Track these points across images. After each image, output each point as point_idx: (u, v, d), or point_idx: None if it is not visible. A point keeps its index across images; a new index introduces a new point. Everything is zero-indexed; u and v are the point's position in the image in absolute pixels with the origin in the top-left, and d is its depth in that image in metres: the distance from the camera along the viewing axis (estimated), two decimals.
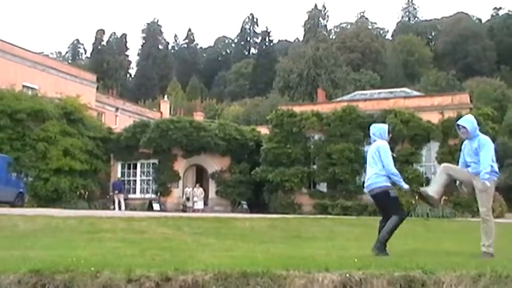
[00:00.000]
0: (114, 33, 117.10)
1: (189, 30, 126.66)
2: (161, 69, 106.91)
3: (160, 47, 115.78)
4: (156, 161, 33.42)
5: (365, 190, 8.17)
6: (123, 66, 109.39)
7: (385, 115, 28.97)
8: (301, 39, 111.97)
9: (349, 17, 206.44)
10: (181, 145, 32.55)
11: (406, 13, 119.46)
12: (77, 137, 32.16)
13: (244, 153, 33.40)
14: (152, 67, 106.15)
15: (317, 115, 31.19)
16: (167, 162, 33.13)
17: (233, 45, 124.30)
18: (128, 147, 33.44)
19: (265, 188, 31.34)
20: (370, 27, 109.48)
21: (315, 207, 29.44)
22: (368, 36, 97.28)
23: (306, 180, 30.98)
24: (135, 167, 34.26)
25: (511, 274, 5.49)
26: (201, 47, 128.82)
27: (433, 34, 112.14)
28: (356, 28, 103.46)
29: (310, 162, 31.16)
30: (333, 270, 5.68)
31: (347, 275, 5.58)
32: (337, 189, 29.81)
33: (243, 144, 33.20)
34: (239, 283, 5.58)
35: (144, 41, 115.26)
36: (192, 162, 34.07)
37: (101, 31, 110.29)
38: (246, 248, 9.88)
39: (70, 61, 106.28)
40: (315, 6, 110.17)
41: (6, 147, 29.09)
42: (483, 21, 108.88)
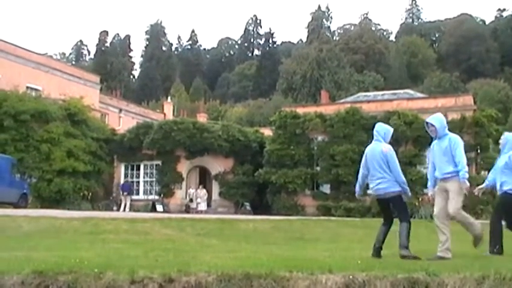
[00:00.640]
0: (118, 34, 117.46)
1: (193, 31, 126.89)
2: (164, 71, 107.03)
3: (164, 48, 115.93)
4: (160, 162, 33.43)
5: (374, 193, 8.01)
6: (126, 68, 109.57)
7: (389, 117, 28.92)
8: (304, 40, 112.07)
9: (352, 18, 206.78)
10: (185, 146, 32.56)
11: (410, 14, 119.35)
12: (81, 138, 32.20)
13: (247, 154, 33.39)
14: (156, 68, 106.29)
15: (320, 117, 31.16)
16: (170, 163, 33.14)
17: (236, 47, 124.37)
18: (131, 148, 33.47)
19: (268, 189, 31.32)
20: (373, 28, 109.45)
21: (318, 209, 29.41)
22: (371, 37, 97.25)
23: (309, 182, 30.95)
24: (139, 168, 34.28)
25: None
26: (205, 49, 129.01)
27: (437, 35, 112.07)
28: (359, 29, 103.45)
29: (313, 163, 31.14)
30: (336, 272, 5.67)
31: (350, 277, 5.57)
32: (341, 191, 29.76)
33: (246, 145, 33.19)
34: (242, 284, 5.58)
35: (147, 43, 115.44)
36: (195, 163, 34.08)
37: (105, 32, 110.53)
38: (249, 249, 9.88)
39: (74, 62, 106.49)
40: (319, 7, 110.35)
41: (10, 148, 29.15)
42: (487, 23, 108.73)
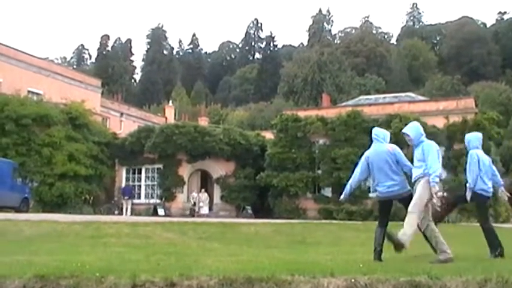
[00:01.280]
0: (119, 38, 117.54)
1: (194, 35, 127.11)
2: (166, 74, 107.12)
3: (165, 52, 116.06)
4: (161, 166, 33.44)
5: (382, 195, 7.89)
6: (127, 72, 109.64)
7: (390, 120, 28.91)
8: (305, 44, 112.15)
9: (353, 21, 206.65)
10: (186, 150, 32.55)
11: (411, 17, 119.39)
12: (82, 142, 32.22)
13: (249, 158, 33.38)
14: (157, 72, 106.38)
15: (322, 120, 31.15)
16: (172, 167, 33.14)
17: (237, 50, 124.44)
18: (133, 152, 33.47)
19: (270, 193, 31.30)
20: (374, 31, 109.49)
21: (320, 212, 29.38)
22: (372, 40, 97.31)
23: (310, 185, 30.92)
24: (140, 172, 34.27)
25: None
26: (206, 52, 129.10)
27: (438, 38, 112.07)
28: (360, 33, 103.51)
29: (314, 167, 31.11)
30: (338, 275, 5.66)
31: (352, 280, 5.56)
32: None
33: (247, 149, 33.18)
34: None
35: (148, 46, 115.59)
36: (197, 167, 34.07)
37: (106, 36, 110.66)
38: (251, 252, 9.87)
39: (75, 66, 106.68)
40: (320, 11, 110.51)
41: (12, 152, 29.16)
42: (488, 26, 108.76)
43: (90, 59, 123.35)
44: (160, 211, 31.54)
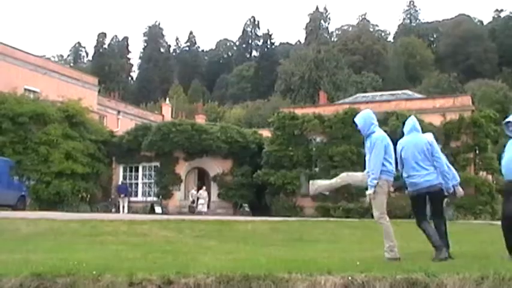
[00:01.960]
0: (116, 36, 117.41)
1: (191, 33, 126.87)
2: (163, 72, 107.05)
3: (162, 50, 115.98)
4: (158, 164, 33.40)
5: (415, 188, 7.58)
6: (124, 69, 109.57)
7: (387, 117, 28.94)
8: (302, 41, 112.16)
9: (350, 19, 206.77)
10: (183, 148, 32.53)
11: (408, 15, 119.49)
12: (79, 140, 32.15)
13: (246, 156, 33.37)
14: (154, 70, 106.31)
15: (319, 117, 31.15)
16: (169, 165, 33.11)
17: (235, 48, 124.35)
18: (130, 150, 33.42)
19: (267, 190, 31.31)
20: (371, 29, 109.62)
21: (317, 210, 29.38)
22: (369, 38, 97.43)
23: None
24: (137, 170, 34.24)
25: None
26: (203, 50, 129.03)
27: (435, 36, 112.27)
28: (358, 30, 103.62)
29: (312, 164, 31.10)
30: (335, 273, 5.66)
31: (349, 278, 5.57)
32: (339, 192, 29.71)
33: (244, 147, 33.17)
34: (241, 286, 5.57)
35: (145, 44, 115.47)
36: (194, 165, 34.06)
37: (103, 34, 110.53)
38: (248, 250, 9.86)
39: (72, 64, 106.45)
40: (317, 8, 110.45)
41: (8, 150, 29.11)
42: (485, 23, 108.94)
43: (87, 56, 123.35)
44: (158, 209, 31.51)
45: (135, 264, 6.75)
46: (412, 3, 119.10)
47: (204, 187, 32.76)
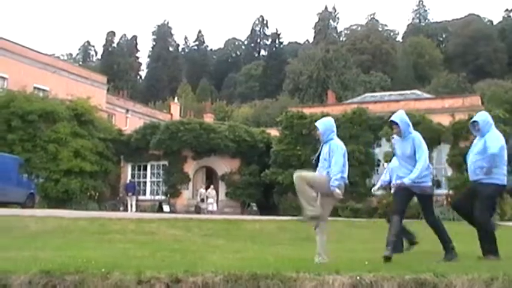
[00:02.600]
0: (125, 35, 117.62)
1: (199, 32, 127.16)
2: (171, 71, 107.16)
3: (171, 48, 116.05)
4: (166, 162, 33.47)
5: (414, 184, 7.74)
6: (133, 68, 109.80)
7: None
8: (311, 41, 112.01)
9: (359, 18, 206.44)
10: (191, 147, 32.57)
11: (417, 15, 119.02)
12: (88, 138, 32.27)
13: (254, 155, 33.37)
14: (162, 69, 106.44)
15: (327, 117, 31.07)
16: (177, 163, 33.17)
17: (243, 47, 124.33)
18: (138, 148, 33.52)
19: (275, 189, 31.28)
20: (380, 29, 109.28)
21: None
22: (378, 38, 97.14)
23: None
24: (145, 168, 34.33)
25: None
26: (211, 49, 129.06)
27: (444, 36, 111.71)
28: (366, 30, 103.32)
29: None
30: (344, 273, 5.65)
31: (357, 278, 5.55)
32: (347, 192, 29.56)
33: (252, 146, 33.17)
34: (249, 285, 5.57)
35: (154, 43, 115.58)
36: (202, 164, 34.09)
37: (112, 33, 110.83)
38: (256, 249, 9.87)
39: (81, 63, 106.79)
40: (325, 8, 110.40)
41: (18, 148, 29.27)
42: (494, 23, 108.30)
43: (95, 55, 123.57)
44: (166, 207, 31.59)
45: (143, 263, 6.76)
46: (421, 2, 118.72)
47: (212, 186, 32.79)
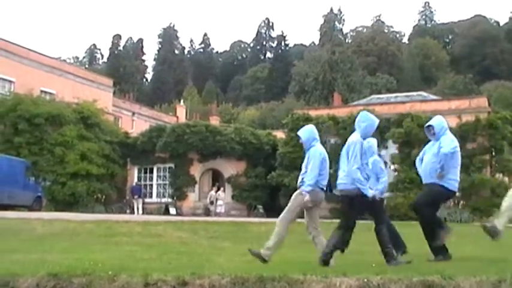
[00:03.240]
0: (131, 38, 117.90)
1: (205, 34, 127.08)
2: (177, 74, 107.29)
3: (176, 51, 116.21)
4: (173, 165, 33.52)
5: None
6: (139, 71, 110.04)
7: (402, 119, 28.80)
8: (317, 43, 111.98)
9: (365, 20, 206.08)
10: (197, 149, 32.60)
11: (423, 16, 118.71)
12: (94, 141, 32.36)
13: (260, 157, 33.35)
14: (168, 72, 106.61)
15: (333, 119, 31.05)
16: (183, 166, 33.20)
17: (249, 50, 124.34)
18: (145, 151, 33.57)
19: (281, 192, 31.21)
20: (386, 30, 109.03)
21: (331, 212, 29.14)
22: (384, 39, 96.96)
23: None
24: (152, 171, 34.38)
25: None
26: (217, 52, 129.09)
27: (450, 37, 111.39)
28: (372, 32, 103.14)
29: None
30: (351, 275, 5.63)
31: (365, 280, 5.53)
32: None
33: (258, 148, 33.16)
34: (256, 287, 5.56)
35: (160, 46, 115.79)
36: (208, 166, 34.11)
37: (118, 36, 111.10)
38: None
39: (87, 66, 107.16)
40: (331, 10, 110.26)
41: (25, 151, 29.38)
42: (501, 24, 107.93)
43: (102, 58, 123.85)
44: (172, 210, 31.63)
45: (150, 265, 6.77)
46: (427, 4, 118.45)
47: (222, 188, 32.80)
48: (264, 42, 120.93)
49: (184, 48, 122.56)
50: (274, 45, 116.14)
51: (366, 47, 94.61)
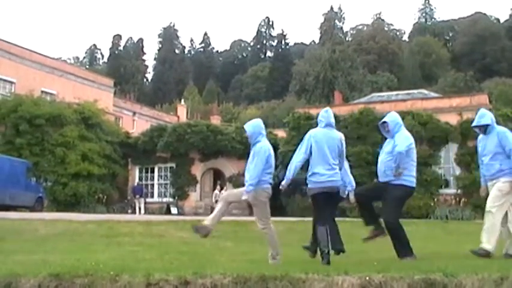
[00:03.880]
0: (131, 38, 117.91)
1: (205, 34, 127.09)
2: (178, 74, 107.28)
3: (177, 51, 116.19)
4: (174, 165, 33.53)
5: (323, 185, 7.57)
6: (140, 71, 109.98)
7: (403, 117, 28.53)
8: (317, 41, 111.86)
9: (365, 18, 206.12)
10: (199, 149, 32.61)
11: (423, 14, 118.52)
12: (95, 141, 32.36)
13: None
14: (169, 71, 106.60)
15: (334, 118, 30.95)
16: (184, 166, 33.21)
17: (249, 49, 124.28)
18: (146, 151, 33.58)
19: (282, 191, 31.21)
20: (386, 28, 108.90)
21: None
22: (384, 37, 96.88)
23: None
24: (153, 171, 34.39)
25: None
26: (217, 51, 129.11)
27: (451, 35, 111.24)
28: (372, 30, 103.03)
29: None
30: (353, 274, 5.63)
31: (367, 278, 5.53)
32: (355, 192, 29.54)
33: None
34: (258, 286, 5.56)
35: (160, 46, 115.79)
36: (209, 165, 34.11)
37: (118, 36, 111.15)
38: (264, 251, 9.84)
39: (87, 66, 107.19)
40: (331, 8, 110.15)
41: (26, 152, 29.37)
42: (501, 21, 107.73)
43: (102, 58, 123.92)
44: (173, 210, 31.63)
45: (152, 265, 6.78)
46: (427, 2, 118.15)
47: (225, 187, 32.79)
48: (264, 41, 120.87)
49: (184, 47, 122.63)
50: (274, 44, 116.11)
51: (367, 45, 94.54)
